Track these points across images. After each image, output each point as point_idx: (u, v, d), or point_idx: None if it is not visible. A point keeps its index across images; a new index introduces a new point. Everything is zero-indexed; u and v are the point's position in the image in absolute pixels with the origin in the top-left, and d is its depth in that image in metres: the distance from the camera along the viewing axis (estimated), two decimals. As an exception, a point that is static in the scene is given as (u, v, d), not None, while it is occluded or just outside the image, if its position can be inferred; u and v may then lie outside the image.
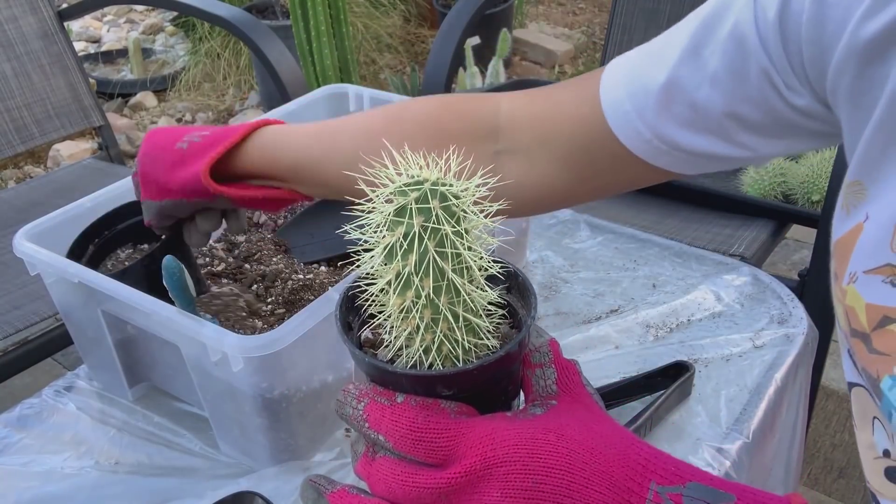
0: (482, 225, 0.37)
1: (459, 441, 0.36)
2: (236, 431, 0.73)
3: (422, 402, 0.37)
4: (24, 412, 0.81)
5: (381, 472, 0.38)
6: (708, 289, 0.92)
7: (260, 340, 0.63)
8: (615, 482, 0.34)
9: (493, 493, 0.34)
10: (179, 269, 0.66)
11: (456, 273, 0.36)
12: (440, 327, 0.37)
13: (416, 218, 0.35)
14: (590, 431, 0.36)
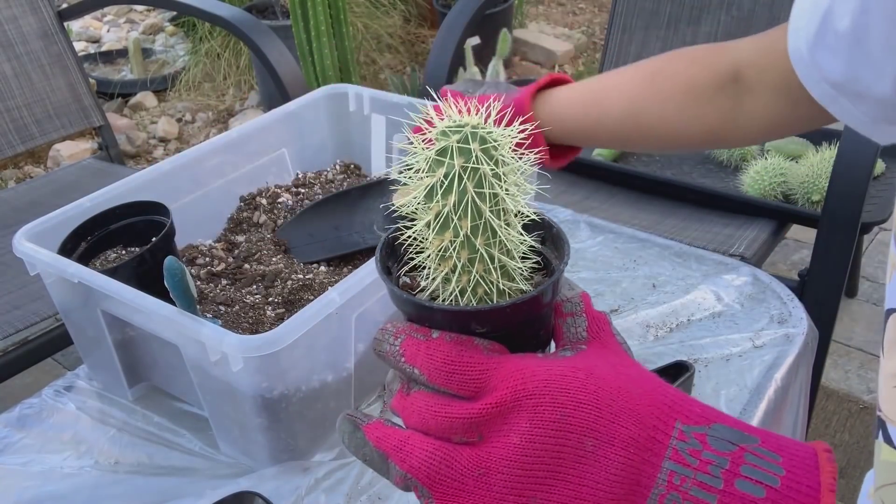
0: (519, 169, 0.38)
1: (491, 375, 0.37)
2: (236, 431, 0.73)
3: (456, 338, 0.38)
4: (24, 412, 0.81)
5: (415, 405, 0.38)
6: (708, 289, 0.92)
7: (259, 340, 0.63)
8: (641, 419, 0.35)
9: (523, 423, 0.35)
10: (181, 270, 0.66)
11: (493, 214, 0.37)
12: (476, 268, 0.38)
13: (457, 158, 0.37)
14: (618, 372, 0.38)
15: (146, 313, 0.68)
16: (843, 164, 1.30)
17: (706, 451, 0.35)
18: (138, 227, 0.82)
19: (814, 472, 0.34)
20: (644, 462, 0.35)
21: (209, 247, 0.93)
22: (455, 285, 0.39)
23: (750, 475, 0.34)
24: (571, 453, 0.35)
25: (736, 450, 0.35)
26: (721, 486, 0.34)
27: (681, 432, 0.35)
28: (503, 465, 0.36)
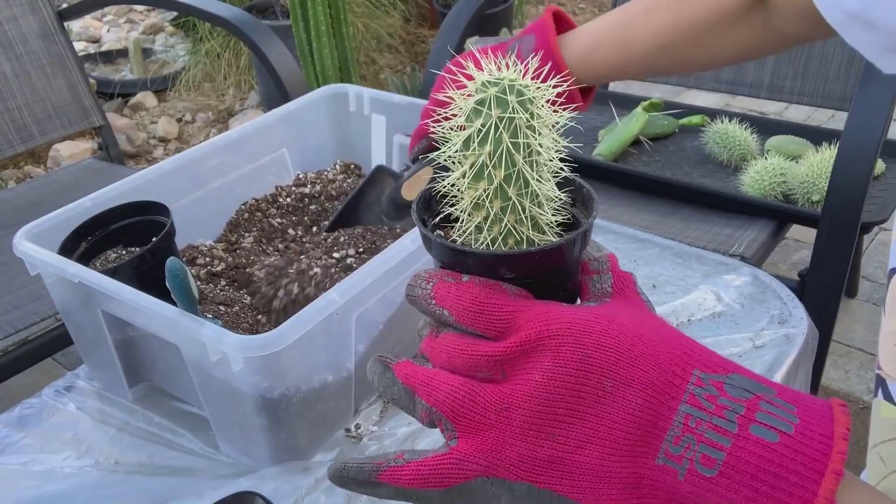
0: (554, 123, 0.40)
1: (517, 316, 0.38)
2: (236, 431, 0.73)
3: (485, 281, 0.39)
4: (24, 412, 0.81)
5: (443, 345, 0.40)
6: (708, 289, 0.92)
7: (260, 341, 0.63)
8: (660, 364, 0.36)
9: (545, 362, 0.37)
10: (183, 271, 0.66)
11: (527, 165, 0.39)
12: (507, 218, 0.40)
13: (495, 109, 0.38)
14: (640, 321, 0.39)
15: (146, 313, 0.68)
16: (843, 164, 1.30)
17: (722, 397, 0.35)
18: (139, 227, 0.82)
19: (828, 422, 0.35)
20: (661, 405, 0.36)
21: (209, 247, 0.93)
22: (487, 234, 0.41)
23: (764, 421, 0.35)
24: (591, 393, 0.36)
25: (752, 398, 0.35)
26: (736, 431, 0.34)
27: (698, 378, 0.36)
28: (524, 402, 0.37)
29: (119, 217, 0.83)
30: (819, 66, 1.72)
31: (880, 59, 0.61)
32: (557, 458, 0.37)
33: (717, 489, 0.34)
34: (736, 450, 0.34)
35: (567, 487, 0.37)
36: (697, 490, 0.35)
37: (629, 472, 0.36)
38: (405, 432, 0.76)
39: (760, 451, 0.34)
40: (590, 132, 1.80)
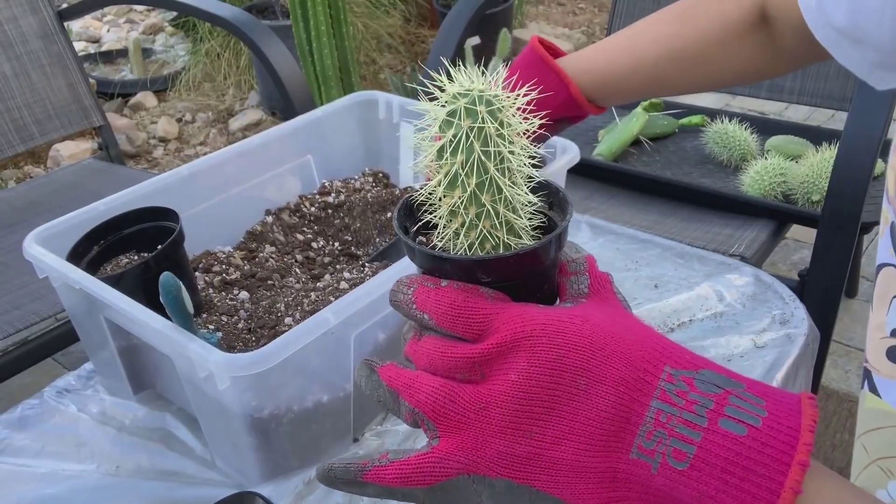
0: (523, 130, 0.42)
1: (493, 319, 0.40)
2: (228, 448, 0.72)
3: (463, 286, 0.41)
4: (25, 413, 0.81)
5: (424, 348, 0.41)
6: (710, 289, 0.92)
7: (245, 359, 0.61)
8: (632, 361, 0.38)
9: (521, 362, 0.38)
10: (177, 286, 0.65)
11: (498, 172, 0.41)
12: (483, 224, 0.42)
13: (465, 120, 0.40)
14: (613, 320, 0.40)
15: (140, 325, 0.67)
16: (843, 164, 1.30)
17: (693, 392, 0.37)
18: (152, 232, 0.82)
19: (796, 415, 0.36)
20: (633, 401, 0.37)
21: (227, 254, 0.92)
22: (464, 239, 0.42)
23: (733, 415, 0.36)
24: (565, 391, 0.38)
25: (721, 392, 0.36)
26: (705, 425, 0.36)
27: (669, 375, 0.37)
28: (502, 401, 0.38)
29: (132, 222, 0.82)
30: (819, 66, 1.72)
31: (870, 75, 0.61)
32: (535, 454, 0.38)
33: (688, 482, 0.35)
34: (705, 443, 0.35)
35: (545, 482, 0.38)
36: (670, 483, 0.36)
37: (604, 467, 0.37)
38: (406, 430, 0.76)
39: (729, 444, 0.35)
40: (590, 132, 1.80)
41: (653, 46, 0.74)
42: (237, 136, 3.04)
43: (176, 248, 0.78)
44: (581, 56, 0.76)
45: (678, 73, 0.74)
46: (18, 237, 1.58)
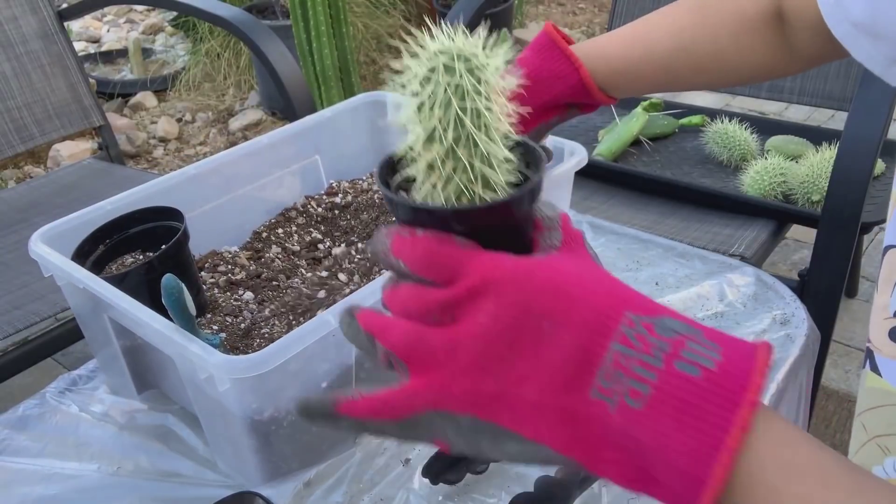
0: (502, 88, 0.43)
1: (465, 265, 0.41)
2: (229, 449, 0.72)
3: (437, 234, 0.43)
4: (26, 413, 0.81)
5: (399, 295, 0.43)
6: (711, 289, 0.92)
7: (245, 362, 0.61)
8: (595, 307, 0.39)
9: (489, 305, 0.40)
10: (179, 288, 0.65)
11: (475, 128, 0.42)
12: (460, 178, 0.43)
13: (444, 77, 0.41)
14: (580, 269, 0.42)
15: (142, 325, 0.67)
16: (843, 164, 1.30)
17: (651, 336, 0.38)
18: (158, 231, 0.82)
19: (749, 360, 0.37)
20: (594, 344, 0.38)
21: (233, 254, 0.91)
22: (441, 193, 0.44)
23: (688, 358, 0.37)
24: (530, 334, 0.39)
25: (678, 337, 0.38)
26: (661, 367, 0.37)
27: (630, 320, 0.39)
28: (469, 341, 0.40)
29: (138, 222, 0.82)
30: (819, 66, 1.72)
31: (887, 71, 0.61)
32: (499, 392, 0.40)
33: (644, 421, 0.37)
34: (661, 384, 0.37)
35: (508, 420, 0.40)
36: (627, 422, 0.37)
37: (565, 406, 0.39)
38: (406, 432, 0.76)
39: (683, 384, 0.37)
40: (590, 132, 1.80)
41: (666, 38, 0.73)
42: (237, 136, 3.04)
43: (180, 247, 0.78)
44: (594, 43, 0.75)
45: (690, 67, 0.74)
46: (18, 237, 1.58)
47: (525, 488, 0.66)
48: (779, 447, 0.37)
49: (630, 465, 0.39)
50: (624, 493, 0.69)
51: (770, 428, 0.37)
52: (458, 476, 0.69)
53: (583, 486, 0.68)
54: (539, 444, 0.40)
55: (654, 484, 0.38)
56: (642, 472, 0.39)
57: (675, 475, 0.37)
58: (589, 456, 0.40)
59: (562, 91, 0.73)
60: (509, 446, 0.41)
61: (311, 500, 0.70)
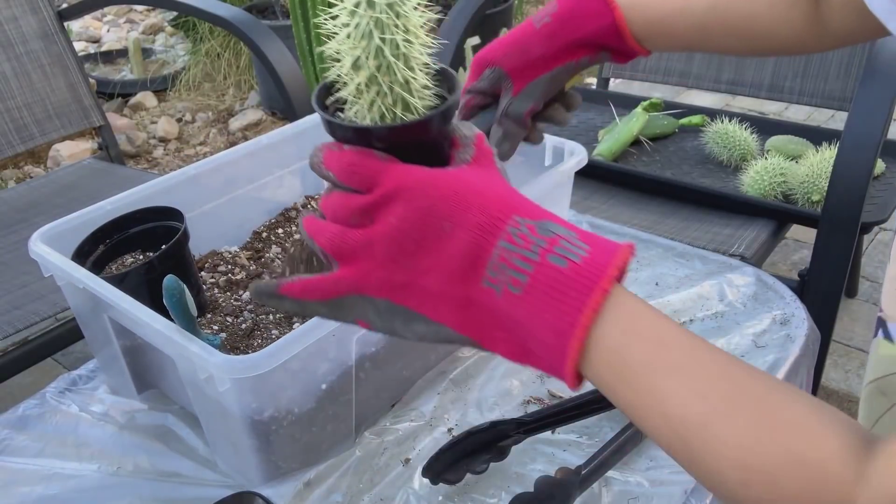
0: (421, 22, 0.49)
1: (381, 175, 0.48)
2: (229, 450, 0.72)
3: (360, 149, 0.49)
4: (26, 412, 0.81)
5: (330, 201, 0.50)
6: (711, 289, 0.92)
7: (245, 362, 0.61)
8: (488, 211, 0.46)
9: (399, 209, 0.47)
10: (180, 289, 0.65)
11: (394, 58, 0.48)
12: (382, 101, 0.49)
13: (366, 11, 0.48)
14: (481, 179, 0.49)
15: (142, 325, 0.67)
16: (843, 164, 1.30)
17: (532, 235, 0.45)
18: (158, 231, 0.82)
19: (609, 256, 0.45)
20: (485, 241, 0.46)
21: (233, 254, 0.91)
22: (367, 115, 0.50)
23: (559, 252, 0.45)
24: (433, 233, 0.46)
25: (554, 237, 0.45)
26: (537, 259, 0.45)
27: (516, 222, 0.46)
28: (383, 239, 0.47)
29: (138, 221, 0.82)
30: (819, 66, 1.72)
31: None
32: (408, 281, 0.47)
33: (522, 304, 0.45)
34: (536, 274, 0.44)
35: (415, 303, 0.48)
36: (510, 306, 0.45)
37: (461, 293, 0.47)
38: (407, 429, 0.76)
39: (553, 273, 0.44)
40: (590, 132, 1.80)
41: None
42: (237, 136, 3.04)
43: (180, 247, 0.78)
44: None
45: (723, 28, 0.74)
46: (18, 237, 1.58)
47: (525, 488, 0.67)
48: (625, 321, 0.44)
49: (513, 342, 0.47)
50: (624, 494, 0.69)
51: (621, 306, 0.44)
52: (458, 476, 0.69)
53: (583, 486, 0.68)
54: (441, 324, 0.48)
55: (533, 356, 0.47)
56: (523, 347, 0.47)
57: (545, 348, 0.45)
58: (481, 335, 0.48)
59: (594, 31, 0.72)
60: (418, 326, 0.49)
61: (311, 500, 0.70)
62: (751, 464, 0.41)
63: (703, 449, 0.43)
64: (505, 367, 0.83)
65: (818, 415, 0.42)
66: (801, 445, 0.41)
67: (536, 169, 0.91)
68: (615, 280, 0.44)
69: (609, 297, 0.44)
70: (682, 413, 0.43)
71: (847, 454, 0.40)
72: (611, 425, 0.76)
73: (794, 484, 0.41)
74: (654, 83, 1.95)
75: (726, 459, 0.42)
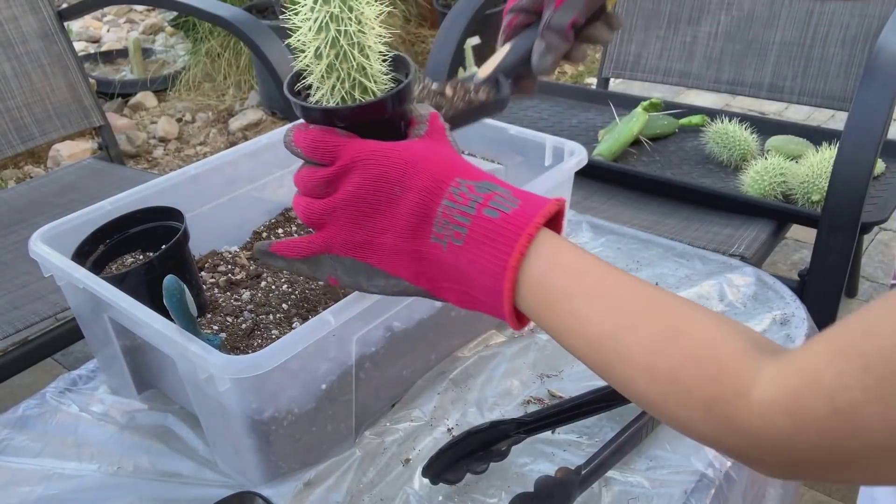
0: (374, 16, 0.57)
1: (341, 149, 0.55)
2: (229, 449, 0.72)
3: (323, 127, 0.57)
4: (26, 412, 0.81)
5: (300, 175, 0.57)
6: (711, 289, 0.92)
7: (245, 362, 0.61)
8: (433, 175, 0.53)
9: (355, 178, 0.54)
10: (180, 290, 0.65)
11: (350, 47, 0.56)
12: (341, 86, 0.57)
13: (323, 7, 0.55)
14: (430, 149, 0.55)
15: (142, 325, 0.67)
16: (843, 164, 1.30)
17: (471, 193, 0.52)
18: (158, 231, 0.82)
19: (539, 207, 0.51)
20: (430, 202, 0.53)
21: (233, 254, 0.91)
22: (331, 98, 0.58)
23: (493, 206, 0.51)
24: (386, 197, 0.54)
25: (490, 193, 0.52)
26: (474, 213, 0.52)
27: (457, 182, 0.53)
28: (342, 205, 0.55)
29: (138, 221, 0.82)
30: (819, 66, 1.72)
31: None
32: (368, 240, 0.55)
33: (464, 254, 0.52)
34: (473, 225, 0.51)
35: (376, 260, 0.56)
36: (454, 257, 0.52)
37: (413, 248, 0.54)
38: (406, 429, 0.76)
39: (487, 224, 0.51)
40: (590, 132, 1.80)
41: None
42: (237, 136, 3.04)
43: (180, 247, 0.78)
44: None
45: None
46: (18, 237, 1.58)
47: (525, 488, 0.67)
48: (547, 257, 0.50)
49: (460, 290, 0.54)
50: (624, 493, 0.69)
51: (544, 245, 0.50)
52: (458, 476, 0.69)
53: (583, 486, 0.68)
54: (398, 278, 0.56)
55: (478, 302, 0.53)
56: (469, 294, 0.53)
57: (485, 291, 0.52)
58: (432, 285, 0.55)
59: None
60: (378, 280, 0.57)
61: (311, 500, 0.70)
62: (655, 366, 0.46)
63: (615, 358, 0.48)
64: (505, 367, 0.83)
65: (718, 323, 0.47)
66: (700, 347, 0.45)
67: (536, 169, 0.91)
68: (540, 226, 0.51)
69: (535, 239, 0.50)
70: (597, 330, 0.48)
71: (743, 355, 0.44)
72: (611, 425, 0.76)
73: (694, 380, 0.45)
74: (654, 83, 1.95)
75: (635, 365, 0.47)
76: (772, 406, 0.42)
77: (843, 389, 0.39)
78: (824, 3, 1.71)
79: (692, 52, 1.87)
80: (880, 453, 0.39)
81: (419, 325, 0.78)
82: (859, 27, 1.68)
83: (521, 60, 0.71)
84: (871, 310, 0.41)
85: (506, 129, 0.95)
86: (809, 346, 0.42)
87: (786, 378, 0.42)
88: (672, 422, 0.47)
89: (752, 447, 0.43)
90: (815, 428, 0.40)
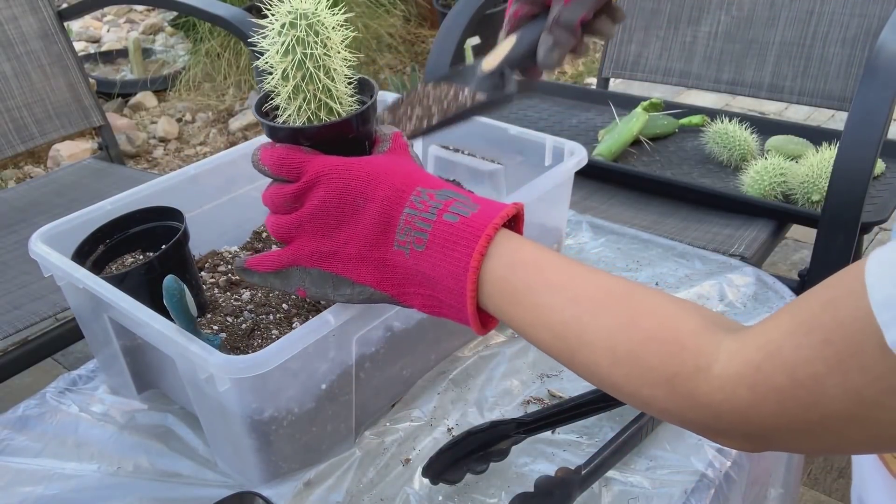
0: (339, 40, 0.59)
1: (306, 165, 0.57)
2: (230, 449, 0.72)
3: (288, 145, 0.59)
4: (25, 412, 0.81)
5: (268, 193, 0.59)
6: (711, 289, 0.92)
7: (245, 362, 0.61)
8: (394, 186, 0.55)
9: (320, 192, 0.56)
10: (180, 290, 0.65)
11: (315, 69, 0.58)
12: (307, 106, 0.59)
13: (289, 31, 0.57)
14: (392, 162, 0.58)
15: (142, 325, 0.67)
16: (843, 164, 1.30)
17: (431, 200, 0.54)
18: (158, 231, 0.82)
19: (496, 211, 0.53)
20: (392, 211, 0.55)
21: (233, 254, 0.91)
22: (297, 118, 0.60)
23: (453, 211, 0.53)
24: (350, 208, 0.56)
25: (450, 200, 0.54)
26: (435, 218, 0.53)
27: (418, 192, 0.55)
28: (309, 218, 0.57)
29: (138, 221, 0.82)
30: (819, 66, 1.72)
31: None
32: (333, 251, 0.57)
33: (426, 259, 0.53)
34: (434, 230, 0.53)
35: (341, 269, 0.57)
36: (417, 262, 0.54)
37: (377, 257, 0.56)
38: (406, 429, 0.76)
39: (447, 229, 0.53)
40: (590, 132, 1.80)
41: None
42: (237, 136, 3.04)
43: (180, 247, 0.78)
44: None
45: None
46: (18, 237, 1.58)
47: (525, 488, 0.67)
48: (508, 255, 0.52)
49: (425, 295, 0.55)
50: (624, 493, 0.69)
51: (504, 244, 0.52)
52: (458, 476, 0.69)
53: (583, 486, 0.68)
54: (364, 285, 0.57)
55: (443, 306, 0.55)
56: (433, 298, 0.55)
57: (448, 293, 0.53)
58: (398, 290, 0.56)
59: None
60: (345, 289, 0.58)
61: (311, 500, 0.70)
62: (617, 347, 0.47)
63: (578, 343, 0.49)
64: (505, 367, 0.83)
65: (677, 304, 0.48)
66: (660, 327, 0.47)
67: (537, 169, 0.91)
68: (499, 227, 0.53)
69: (494, 240, 0.52)
70: (559, 318, 0.50)
71: (704, 331, 0.45)
72: (611, 425, 0.76)
73: (655, 358, 0.46)
74: (654, 83, 1.95)
75: (598, 348, 0.48)
76: (732, 379, 0.43)
77: (803, 362, 0.40)
78: (824, 3, 1.71)
79: (692, 52, 1.87)
80: (841, 422, 0.40)
81: (419, 325, 0.78)
82: (859, 27, 1.68)
83: (527, 54, 0.71)
84: (829, 284, 0.43)
85: (506, 129, 0.95)
86: (769, 320, 0.44)
87: (746, 352, 0.43)
88: (636, 401, 0.48)
89: (715, 420, 0.44)
90: (775, 400, 0.41)
